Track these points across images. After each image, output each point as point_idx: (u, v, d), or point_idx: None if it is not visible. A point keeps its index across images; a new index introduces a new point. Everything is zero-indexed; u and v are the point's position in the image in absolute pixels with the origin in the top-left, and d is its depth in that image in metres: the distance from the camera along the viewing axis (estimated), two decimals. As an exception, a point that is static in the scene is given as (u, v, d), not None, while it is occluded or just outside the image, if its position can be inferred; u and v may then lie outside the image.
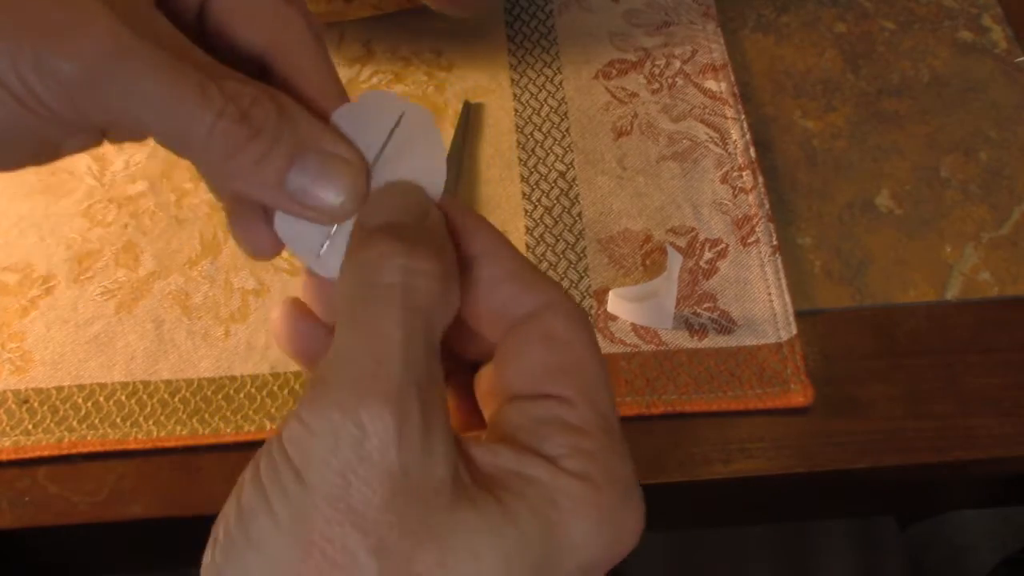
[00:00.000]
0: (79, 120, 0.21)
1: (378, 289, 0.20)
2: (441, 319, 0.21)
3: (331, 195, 0.22)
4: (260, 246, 0.24)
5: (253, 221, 0.24)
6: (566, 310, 0.22)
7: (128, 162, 0.50)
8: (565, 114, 0.51)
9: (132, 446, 0.41)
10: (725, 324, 0.43)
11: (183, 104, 0.20)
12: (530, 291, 0.22)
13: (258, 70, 0.24)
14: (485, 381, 0.24)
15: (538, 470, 0.20)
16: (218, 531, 0.19)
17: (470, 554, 0.18)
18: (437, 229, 0.22)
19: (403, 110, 0.23)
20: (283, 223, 0.24)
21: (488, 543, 0.18)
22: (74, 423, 0.41)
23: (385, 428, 0.18)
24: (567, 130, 0.50)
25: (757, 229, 0.46)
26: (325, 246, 0.23)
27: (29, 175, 0.50)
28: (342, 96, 0.24)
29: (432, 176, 0.24)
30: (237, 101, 0.20)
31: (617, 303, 0.43)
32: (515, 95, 0.52)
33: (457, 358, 0.25)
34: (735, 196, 0.47)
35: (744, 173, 0.48)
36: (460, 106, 0.51)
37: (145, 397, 0.42)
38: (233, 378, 0.43)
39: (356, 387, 0.19)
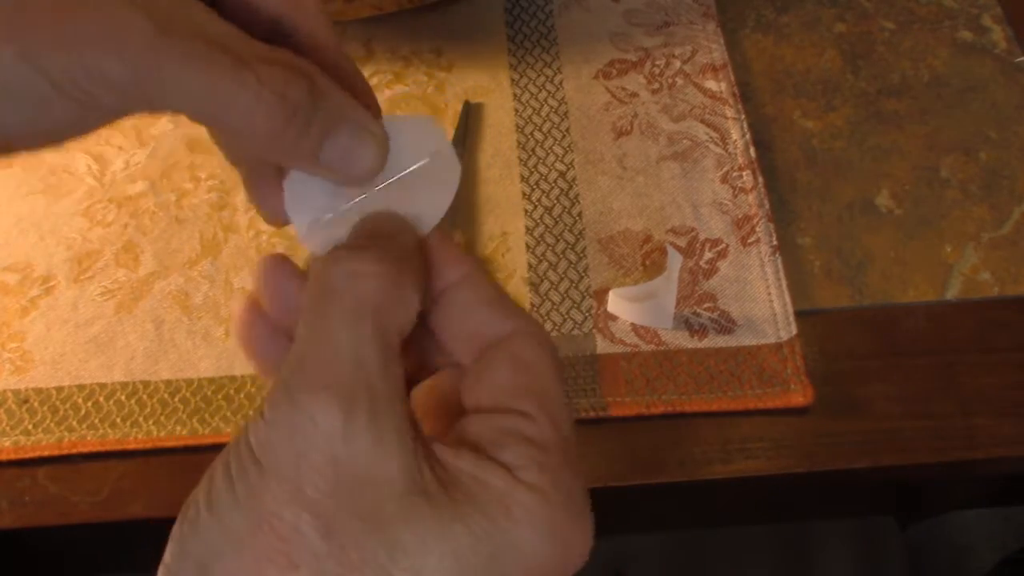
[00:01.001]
0: (128, 110, 0.22)
1: (328, 294, 0.22)
2: (395, 321, 0.22)
3: (359, 165, 0.24)
4: (277, 211, 0.25)
5: (271, 188, 0.25)
6: (535, 336, 0.24)
7: (128, 162, 0.50)
8: (565, 114, 0.51)
9: (132, 446, 0.41)
10: (725, 324, 0.43)
11: (221, 93, 0.21)
12: (502, 317, 0.24)
13: (274, 33, 0.25)
14: (433, 394, 0.25)
15: (495, 477, 0.21)
16: (188, 508, 0.21)
17: (419, 546, 0.19)
18: (397, 241, 0.24)
19: (438, 151, 0.25)
20: (292, 192, 0.25)
21: (437, 538, 0.20)
22: (74, 423, 0.41)
23: (333, 420, 0.20)
24: (567, 130, 0.50)
25: (757, 229, 0.46)
26: (321, 222, 0.25)
27: (29, 175, 0.50)
28: (352, 65, 0.26)
29: (430, 218, 0.25)
30: (272, 85, 0.22)
31: (617, 303, 0.43)
32: (515, 95, 0.52)
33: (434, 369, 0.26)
34: (735, 196, 0.47)
35: (744, 173, 0.48)
36: (460, 106, 0.51)
37: (145, 397, 0.42)
38: (233, 378, 0.43)
39: (309, 385, 0.20)
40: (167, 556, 0.20)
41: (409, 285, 0.23)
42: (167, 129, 0.51)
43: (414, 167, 0.25)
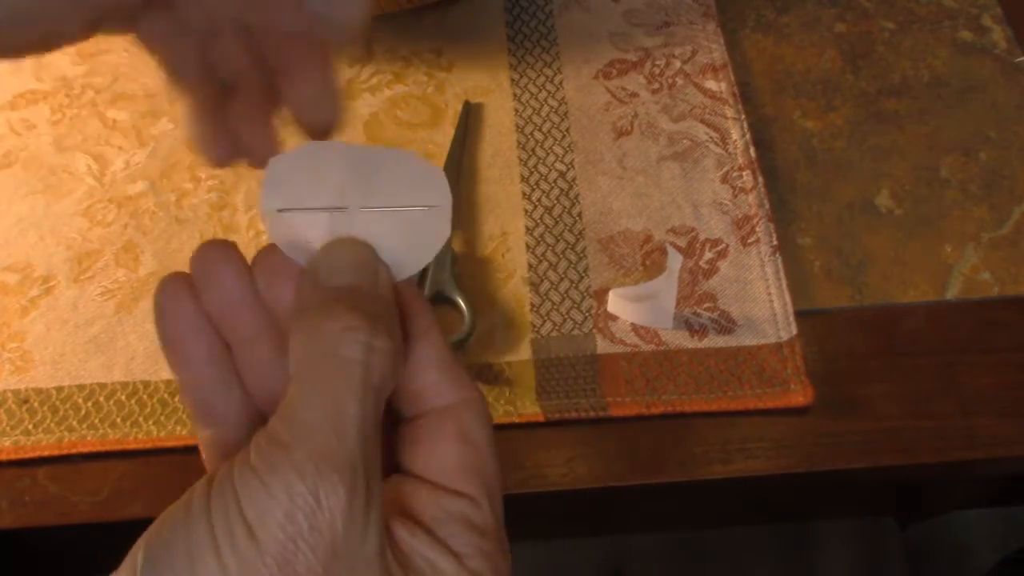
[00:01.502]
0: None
1: (340, 362, 0.21)
2: (388, 392, 0.22)
3: (344, 14, 0.24)
4: (212, 149, 0.25)
5: (211, 125, 0.25)
6: (479, 411, 0.24)
7: (128, 162, 0.50)
8: (565, 114, 0.51)
9: (132, 446, 0.41)
10: (725, 324, 0.43)
11: None
12: (452, 384, 0.24)
13: None
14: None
15: (447, 564, 0.22)
16: (152, 559, 0.20)
17: None
18: (389, 300, 0.24)
19: (439, 206, 0.25)
20: (273, 174, 0.24)
21: None
22: (74, 423, 0.41)
23: (338, 502, 0.20)
24: (567, 130, 0.50)
25: (757, 229, 0.46)
26: (290, 213, 0.24)
27: (29, 175, 0.50)
28: None
29: (407, 267, 0.25)
30: None
31: (617, 303, 0.43)
32: (515, 95, 0.52)
33: None
34: (735, 196, 0.47)
35: (744, 173, 0.48)
36: (460, 106, 0.51)
37: (145, 397, 0.42)
38: (233, 378, 0.42)
39: (315, 458, 0.20)
40: None
41: (402, 353, 0.23)
42: (167, 129, 0.51)
43: (406, 208, 0.24)
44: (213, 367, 0.25)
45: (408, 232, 0.24)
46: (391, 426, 0.25)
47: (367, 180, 0.24)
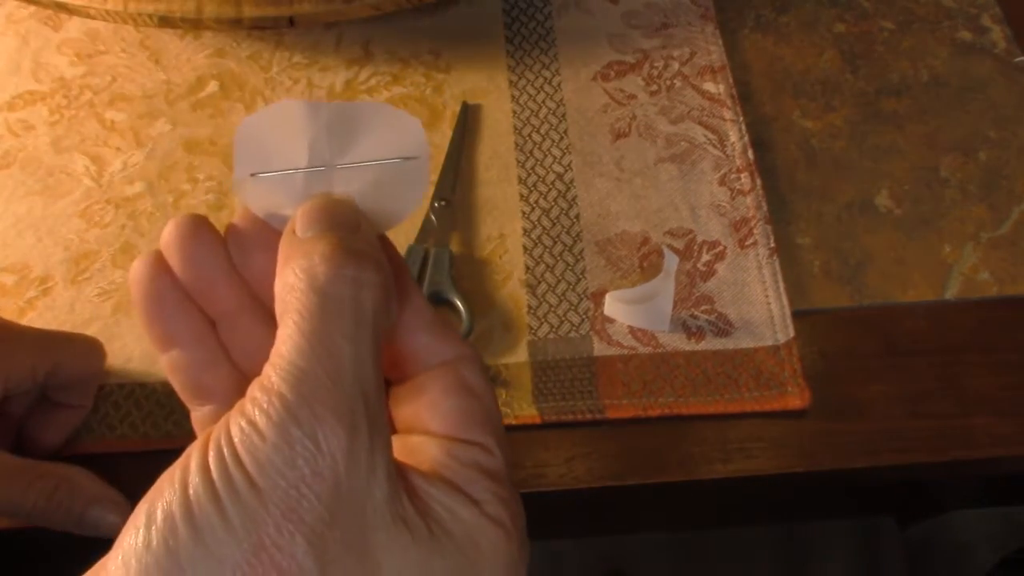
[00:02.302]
0: None
1: (328, 301, 0.21)
2: (384, 333, 0.22)
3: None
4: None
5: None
6: (476, 363, 0.24)
7: (126, 163, 0.50)
8: (563, 116, 0.51)
9: (129, 448, 0.41)
10: (722, 326, 0.43)
11: None
12: (444, 342, 0.24)
13: None
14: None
15: (466, 511, 0.21)
16: (155, 517, 0.19)
17: (400, 574, 0.20)
18: (373, 241, 0.23)
19: (417, 156, 0.24)
20: (244, 136, 0.24)
21: (417, 567, 0.20)
22: (72, 425, 0.41)
23: (338, 445, 0.19)
24: (565, 132, 0.50)
25: (755, 231, 0.46)
26: (263, 176, 0.24)
27: (27, 176, 0.50)
28: None
29: (388, 222, 0.24)
30: None
31: (614, 305, 0.43)
32: (513, 97, 0.52)
33: None
34: (733, 198, 0.47)
35: (742, 175, 0.48)
36: (458, 107, 0.51)
37: (142, 399, 0.42)
38: (231, 380, 0.42)
39: (311, 403, 0.20)
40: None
41: (393, 290, 0.23)
42: (165, 130, 0.51)
43: (382, 160, 0.24)
44: (199, 344, 0.25)
45: (387, 185, 0.24)
46: (388, 390, 0.25)
47: (340, 136, 0.24)
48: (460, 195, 0.48)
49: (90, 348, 0.41)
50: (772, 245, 0.45)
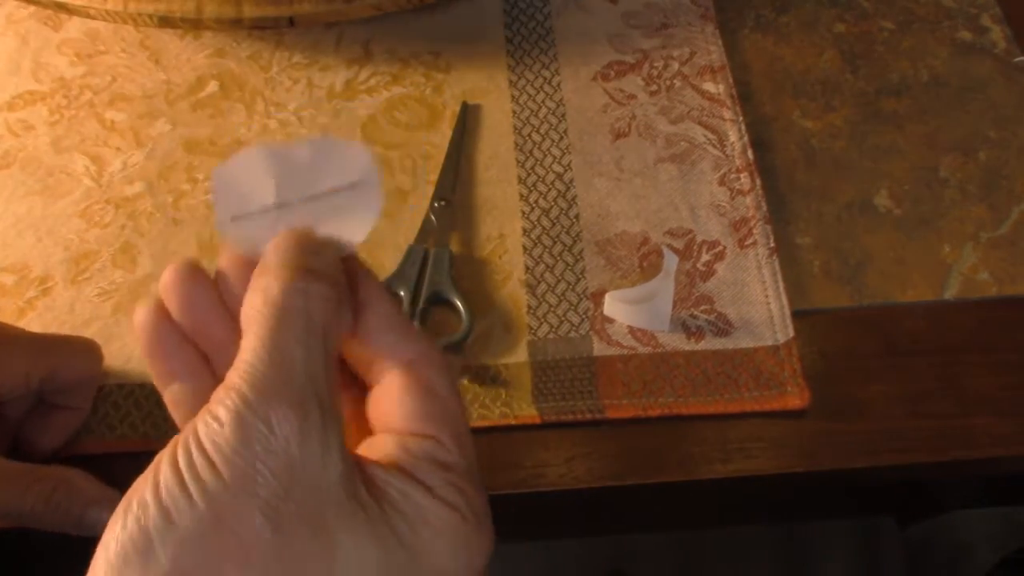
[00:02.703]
0: None
1: (282, 312, 0.24)
2: (336, 337, 0.25)
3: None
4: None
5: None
6: (438, 362, 0.26)
7: (126, 163, 0.50)
8: (563, 116, 0.51)
9: (129, 449, 0.41)
10: (722, 326, 0.43)
11: None
12: (407, 342, 0.26)
13: None
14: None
15: (418, 494, 0.23)
16: (131, 507, 0.21)
17: (355, 549, 0.22)
18: (332, 262, 0.26)
19: (365, 178, 0.27)
20: (221, 181, 0.27)
21: (371, 543, 0.22)
22: (71, 425, 0.41)
23: (290, 426, 0.22)
24: (565, 132, 0.50)
25: (754, 231, 0.46)
26: (243, 216, 0.27)
27: (27, 176, 0.50)
28: None
29: (352, 238, 0.27)
30: None
31: (614, 305, 0.43)
32: (513, 96, 0.52)
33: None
34: (732, 198, 0.47)
35: (742, 175, 0.48)
36: (458, 107, 0.51)
37: (142, 399, 0.42)
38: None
39: (265, 394, 0.22)
40: (110, 557, 0.21)
41: (345, 303, 0.25)
42: (165, 130, 0.51)
43: (339, 188, 0.27)
44: (195, 377, 0.27)
45: (345, 208, 0.27)
46: (360, 394, 0.27)
47: (300, 173, 0.27)
48: (460, 195, 0.48)
49: (87, 351, 0.40)
50: (772, 245, 0.45)
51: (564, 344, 0.43)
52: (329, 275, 0.25)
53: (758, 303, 0.44)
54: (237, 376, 0.23)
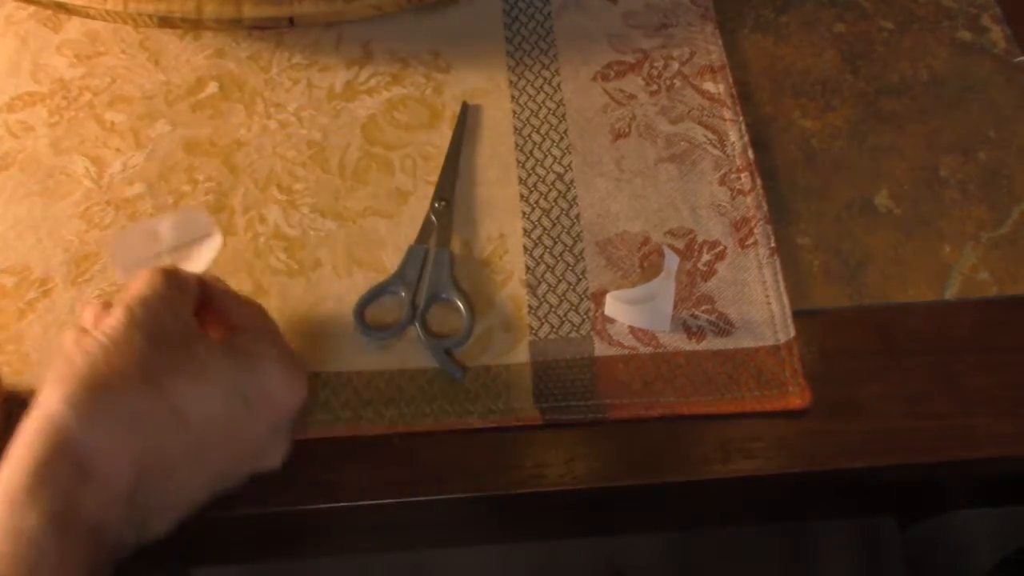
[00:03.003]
0: None
1: (153, 272, 0.37)
2: (193, 289, 0.38)
3: None
4: None
5: None
6: (248, 311, 0.40)
7: (126, 164, 0.50)
8: (563, 116, 0.51)
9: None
10: (723, 326, 0.43)
11: None
12: (236, 308, 0.39)
13: None
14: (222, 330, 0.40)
15: (255, 345, 0.37)
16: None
17: (212, 360, 0.35)
18: (181, 273, 0.38)
19: (207, 233, 0.43)
20: (117, 245, 0.41)
21: (222, 355, 0.36)
22: (72, 426, 0.41)
23: (158, 301, 0.36)
24: (565, 132, 0.50)
25: (755, 231, 0.46)
26: (135, 266, 0.40)
27: (27, 177, 0.50)
28: None
29: (198, 268, 0.41)
30: None
31: (615, 306, 0.43)
32: (513, 97, 0.52)
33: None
34: (733, 198, 0.47)
35: (742, 175, 0.48)
36: (458, 108, 0.51)
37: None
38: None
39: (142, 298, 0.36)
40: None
41: (186, 287, 0.38)
42: (164, 131, 0.51)
43: (190, 242, 0.42)
44: None
45: (196, 252, 0.42)
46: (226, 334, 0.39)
47: (164, 234, 0.42)
48: (460, 195, 0.48)
49: None
50: (772, 245, 0.45)
51: (565, 344, 0.43)
52: (180, 276, 0.38)
53: (759, 303, 0.44)
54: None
